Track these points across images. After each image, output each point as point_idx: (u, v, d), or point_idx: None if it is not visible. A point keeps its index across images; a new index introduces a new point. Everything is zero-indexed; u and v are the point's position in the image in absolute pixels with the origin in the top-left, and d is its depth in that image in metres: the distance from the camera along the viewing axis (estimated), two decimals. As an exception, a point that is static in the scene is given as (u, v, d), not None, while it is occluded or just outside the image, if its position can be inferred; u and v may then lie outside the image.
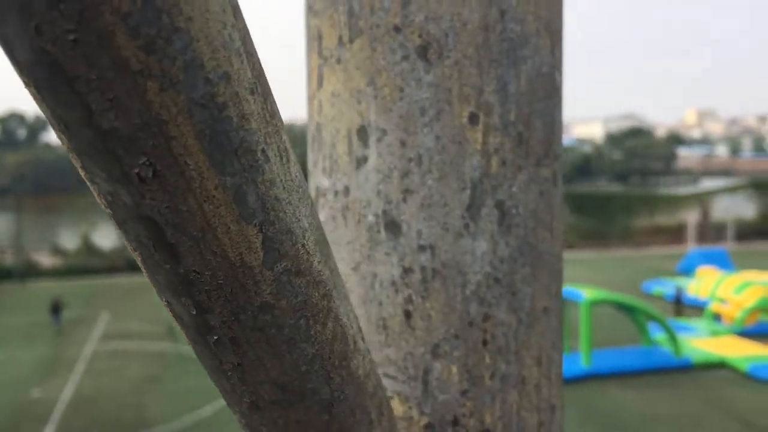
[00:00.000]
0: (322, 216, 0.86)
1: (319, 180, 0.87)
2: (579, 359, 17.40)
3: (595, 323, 17.74)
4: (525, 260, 0.81)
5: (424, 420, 0.79)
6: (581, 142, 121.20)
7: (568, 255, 38.11)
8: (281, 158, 0.45)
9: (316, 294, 0.49)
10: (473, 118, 0.78)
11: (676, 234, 41.17)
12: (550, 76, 0.83)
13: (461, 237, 0.78)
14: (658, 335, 19.05)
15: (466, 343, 0.79)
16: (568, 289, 18.56)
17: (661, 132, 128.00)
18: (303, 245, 0.47)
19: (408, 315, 0.79)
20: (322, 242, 0.51)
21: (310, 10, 0.85)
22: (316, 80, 0.85)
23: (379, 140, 0.79)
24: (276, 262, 0.46)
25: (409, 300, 0.79)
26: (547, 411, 0.84)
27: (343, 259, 0.83)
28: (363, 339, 0.58)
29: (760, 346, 18.86)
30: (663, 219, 43.62)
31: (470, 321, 0.79)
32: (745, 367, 17.03)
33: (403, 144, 0.78)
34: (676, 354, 17.81)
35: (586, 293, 17.78)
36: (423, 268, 0.78)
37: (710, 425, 13.98)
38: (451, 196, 0.78)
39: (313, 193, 0.88)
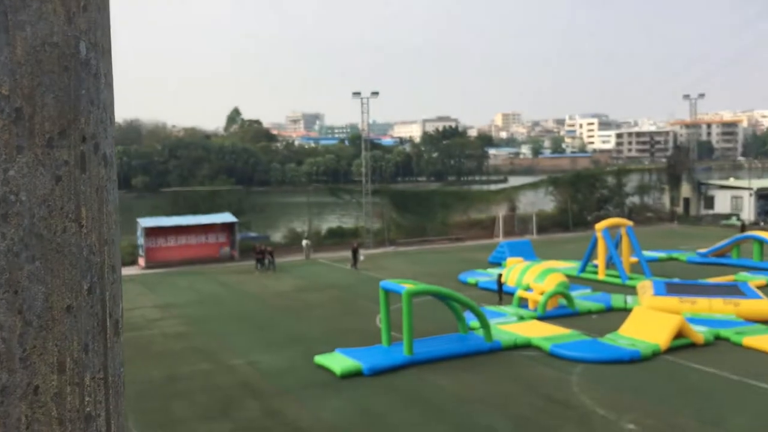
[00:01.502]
0: None
1: None
2: (401, 348, 18.01)
3: (416, 314, 18.46)
4: (33, 254, 0.71)
5: None
6: (403, 141, 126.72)
7: (392, 249, 39.42)
8: None
9: None
10: None
11: (489, 227, 44.26)
12: (68, 47, 0.74)
13: None
14: (473, 322, 20.27)
15: None
16: (389, 282, 19.14)
17: (473, 134, 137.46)
18: None
19: None
20: None
21: None
22: None
23: None
24: None
25: None
26: (77, 421, 0.75)
27: None
28: None
29: (559, 327, 20.79)
30: (477, 214, 46.61)
31: None
32: (547, 346, 18.65)
33: None
34: (488, 339, 19.07)
35: (405, 286, 18.43)
36: None
37: (517, 401, 15.11)
38: None
39: None
